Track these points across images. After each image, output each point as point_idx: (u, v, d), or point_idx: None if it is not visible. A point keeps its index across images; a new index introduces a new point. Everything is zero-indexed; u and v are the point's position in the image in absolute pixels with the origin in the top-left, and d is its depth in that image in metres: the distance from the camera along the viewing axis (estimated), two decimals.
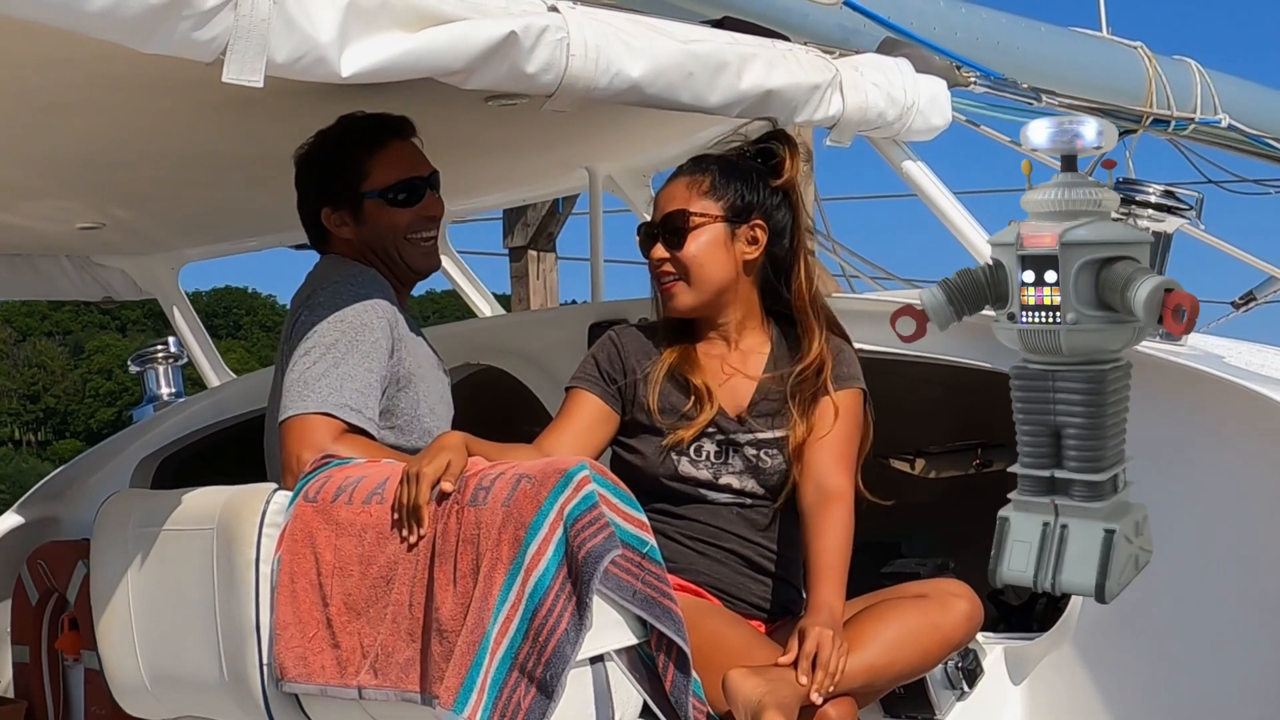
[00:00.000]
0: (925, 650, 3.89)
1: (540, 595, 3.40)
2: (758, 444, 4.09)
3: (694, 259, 4.08)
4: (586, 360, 4.19)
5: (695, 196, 4.11)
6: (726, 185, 4.11)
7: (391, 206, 4.31)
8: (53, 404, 62.12)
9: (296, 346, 4.08)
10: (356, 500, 3.70)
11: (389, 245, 4.32)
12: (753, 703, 3.59)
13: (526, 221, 9.76)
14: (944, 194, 4.57)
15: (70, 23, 3.10)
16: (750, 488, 4.09)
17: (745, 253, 4.11)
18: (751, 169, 4.17)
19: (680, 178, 4.16)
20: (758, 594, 4.10)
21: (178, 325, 6.58)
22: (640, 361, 4.13)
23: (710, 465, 4.08)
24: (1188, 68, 6.88)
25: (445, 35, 3.56)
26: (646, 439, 4.09)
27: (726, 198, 4.10)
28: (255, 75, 3.30)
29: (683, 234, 4.09)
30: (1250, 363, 4.26)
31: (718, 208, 4.09)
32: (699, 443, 4.07)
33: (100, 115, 4.24)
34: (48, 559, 5.38)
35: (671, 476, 4.06)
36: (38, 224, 5.61)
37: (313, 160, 4.37)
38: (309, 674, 3.69)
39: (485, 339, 5.56)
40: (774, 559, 4.11)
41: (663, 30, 4.02)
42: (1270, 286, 7.29)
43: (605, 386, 4.12)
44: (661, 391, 4.09)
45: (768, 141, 4.21)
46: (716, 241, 4.09)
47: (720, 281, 4.10)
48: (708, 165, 4.17)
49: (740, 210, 4.10)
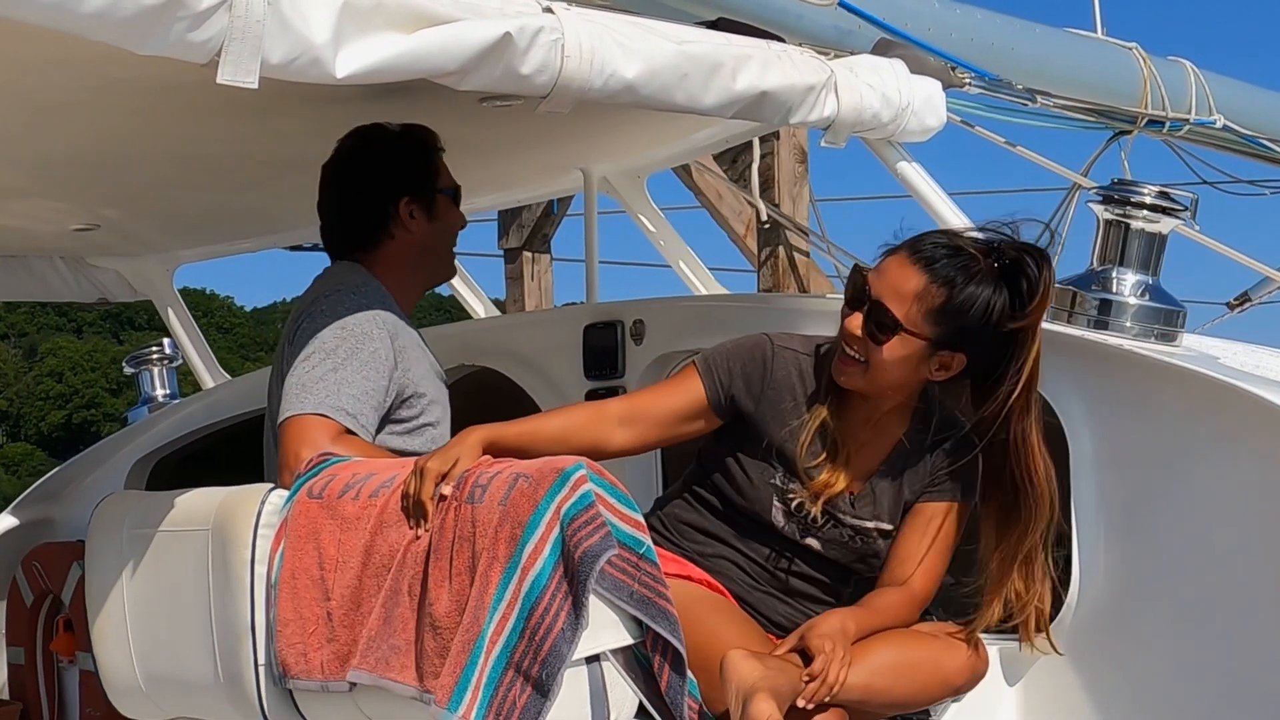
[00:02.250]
0: (924, 685, 3.88)
1: (536, 594, 3.40)
2: (860, 531, 4.00)
3: (883, 362, 3.86)
4: (730, 354, 4.01)
5: (921, 308, 3.83)
6: (955, 315, 3.82)
7: (455, 207, 4.51)
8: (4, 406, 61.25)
9: (298, 352, 4.12)
10: (364, 496, 3.71)
11: (448, 243, 4.51)
12: (747, 684, 3.59)
13: (521, 223, 9.75)
14: (939, 195, 4.57)
15: (65, 24, 3.10)
16: (832, 556, 4.01)
17: (934, 374, 3.92)
18: (991, 305, 3.82)
19: (920, 268, 3.84)
20: (781, 611, 4.03)
21: (172, 327, 6.58)
22: (785, 391, 3.97)
23: (803, 525, 3.98)
24: (1183, 68, 6.88)
25: (440, 36, 3.56)
26: (759, 465, 3.97)
27: (942, 322, 3.83)
28: (250, 77, 3.30)
29: (887, 334, 3.85)
30: (1245, 363, 4.26)
31: (932, 331, 3.84)
32: (809, 506, 3.96)
33: (95, 117, 4.25)
34: (43, 560, 5.38)
35: (760, 517, 3.96)
36: (32, 225, 5.61)
37: (388, 151, 4.40)
38: (309, 670, 3.69)
39: (480, 340, 5.56)
40: (808, 589, 4.04)
41: (657, 31, 4.01)
42: (1265, 287, 7.29)
43: (721, 391, 3.97)
44: (812, 439, 3.93)
45: (1024, 256, 3.86)
46: (912, 357, 3.86)
47: (894, 383, 3.93)
48: (952, 278, 3.81)
49: (948, 340, 3.85)
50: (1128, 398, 4.16)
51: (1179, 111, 6.73)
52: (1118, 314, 4.25)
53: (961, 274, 3.83)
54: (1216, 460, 4.02)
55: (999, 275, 3.85)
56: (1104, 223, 4.35)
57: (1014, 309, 3.83)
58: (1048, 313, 4.26)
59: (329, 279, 4.34)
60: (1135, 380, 4.16)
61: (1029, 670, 4.20)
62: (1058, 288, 4.30)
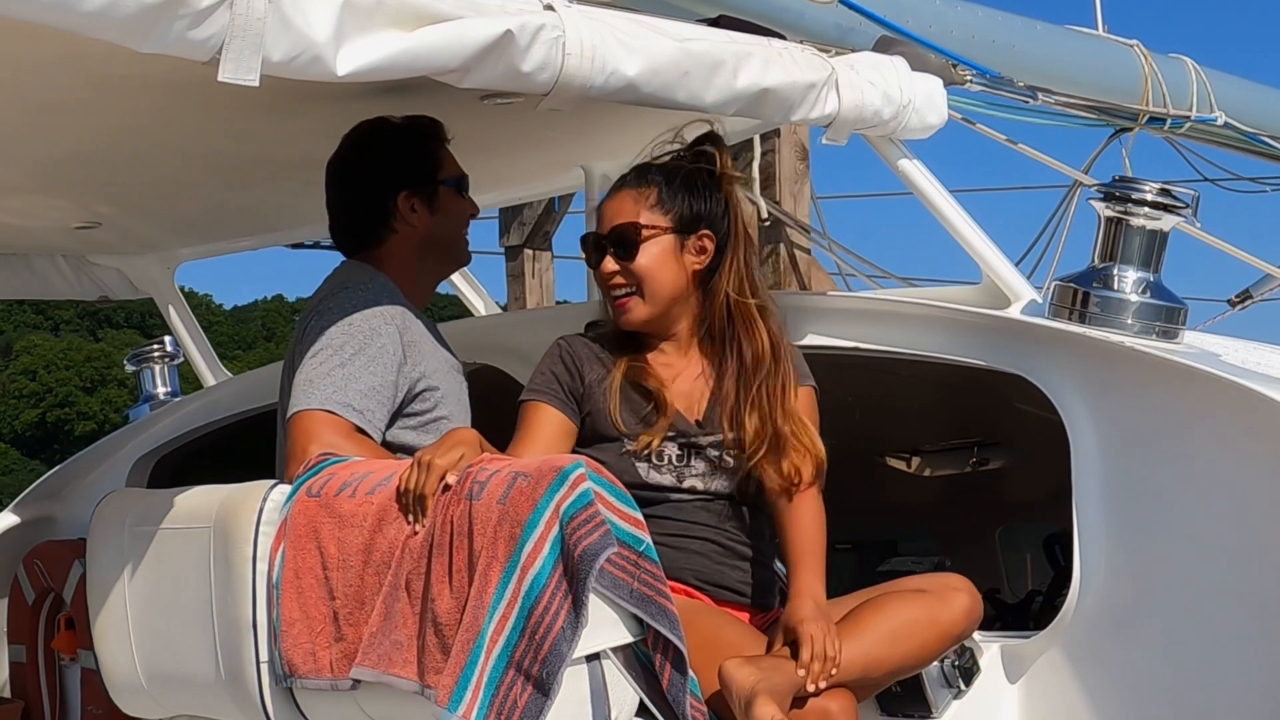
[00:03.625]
0: (924, 643, 3.91)
1: (536, 593, 3.40)
2: (719, 445, 4.10)
3: (646, 271, 4.12)
4: (540, 372, 4.20)
5: (643, 209, 4.14)
6: (673, 197, 4.15)
7: (460, 197, 4.49)
8: None
9: (307, 350, 4.14)
10: (360, 493, 3.71)
11: (455, 236, 4.50)
12: (745, 690, 3.63)
13: (522, 220, 9.74)
14: (940, 192, 4.57)
15: (66, 22, 3.11)
16: (715, 488, 4.12)
17: (694, 263, 4.15)
18: (696, 178, 4.19)
19: (625, 189, 4.20)
20: (735, 579, 4.11)
21: (174, 325, 6.57)
22: (594, 370, 4.16)
23: (673, 469, 4.10)
24: (1184, 65, 6.88)
25: (441, 34, 3.56)
26: (606, 448, 4.09)
27: (674, 209, 4.14)
28: (251, 74, 3.31)
29: (634, 246, 4.12)
30: (1246, 360, 4.26)
31: (666, 219, 4.13)
32: (660, 448, 4.09)
33: (96, 115, 4.25)
34: (44, 558, 5.37)
35: (636, 484, 4.03)
36: (33, 223, 5.61)
37: (386, 145, 4.40)
38: (319, 669, 3.70)
39: (481, 338, 5.55)
40: (744, 544, 4.13)
41: (659, 29, 4.01)
42: (1266, 284, 7.28)
43: (564, 398, 4.14)
44: (621, 399, 4.11)
45: (701, 145, 4.22)
46: (667, 253, 4.13)
47: (673, 293, 4.14)
48: (652, 176, 4.19)
49: (688, 221, 4.14)
50: (1129, 395, 4.16)
51: (1180, 109, 6.73)
52: (1119, 311, 4.24)
53: (654, 170, 4.20)
54: (1218, 457, 4.02)
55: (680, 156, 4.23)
56: (1105, 220, 4.34)
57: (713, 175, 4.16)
58: (1050, 310, 4.27)
59: (336, 277, 4.36)
60: (1137, 377, 4.16)
61: (1030, 667, 4.20)
62: (1060, 285, 4.31)
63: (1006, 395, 4.64)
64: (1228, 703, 3.95)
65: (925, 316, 4.50)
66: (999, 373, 4.36)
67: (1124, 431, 4.13)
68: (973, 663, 4.14)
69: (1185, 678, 4.01)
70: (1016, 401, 4.60)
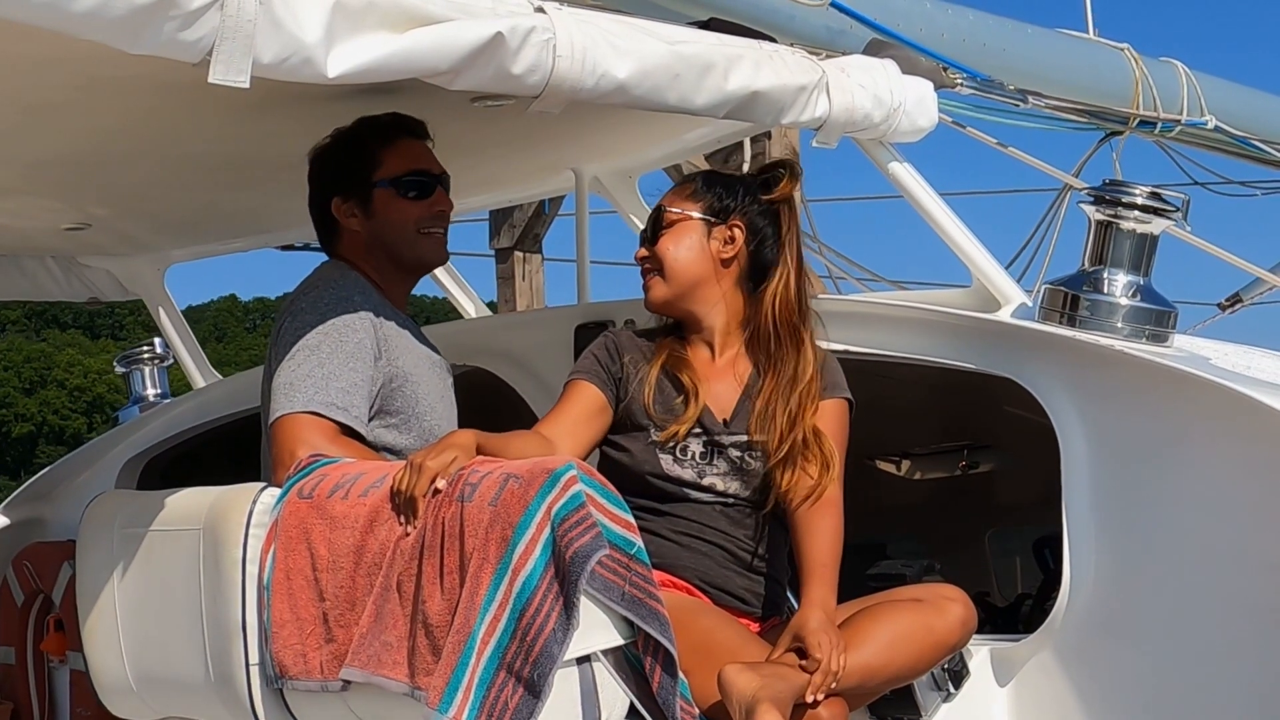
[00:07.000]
0: (920, 653, 3.92)
1: (527, 595, 3.40)
2: (741, 446, 4.12)
3: (667, 251, 4.21)
4: (587, 355, 4.26)
5: (679, 198, 4.27)
6: (708, 189, 4.27)
7: (401, 198, 4.37)
8: None
9: (284, 352, 4.13)
10: (353, 495, 3.71)
11: (398, 238, 4.37)
12: (747, 697, 3.62)
13: (513, 223, 9.77)
14: (930, 195, 4.57)
15: (57, 23, 3.10)
16: (734, 490, 4.12)
17: (721, 252, 4.20)
18: (739, 179, 4.34)
19: (675, 185, 4.35)
20: (742, 587, 4.12)
21: (164, 327, 6.56)
22: (634, 360, 4.20)
23: (695, 465, 4.12)
24: (1174, 69, 6.88)
25: (431, 36, 3.56)
26: (635, 437, 4.13)
27: (706, 199, 4.25)
28: (241, 76, 3.31)
29: (660, 228, 4.24)
30: (1236, 364, 4.26)
31: (696, 207, 4.24)
32: (685, 442, 4.12)
33: (86, 116, 4.24)
34: (33, 560, 5.37)
35: (656, 474, 4.10)
36: (22, 224, 5.60)
37: (327, 152, 4.41)
38: (309, 671, 3.70)
39: (471, 340, 5.55)
40: (758, 556, 4.13)
41: (649, 31, 4.02)
42: (1256, 288, 7.30)
43: (604, 378, 4.18)
44: (655, 388, 4.15)
45: (772, 170, 4.33)
46: (689, 236, 4.22)
47: (693, 275, 4.19)
48: (696, 174, 4.36)
49: (718, 211, 4.23)
50: (1119, 398, 4.17)
51: (1170, 112, 6.73)
52: (1109, 315, 4.25)
53: (707, 170, 4.51)
54: (1208, 461, 4.02)
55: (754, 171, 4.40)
56: (1095, 223, 4.35)
57: (767, 186, 4.27)
58: (1040, 313, 4.27)
59: (310, 277, 4.36)
60: (1127, 381, 4.16)
61: (1019, 671, 4.20)
62: (1049, 288, 4.31)
63: (996, 398, 4.64)
64: (1216, 706, 3.95)
65: (915, 319, 4.51)
66: (989, 376, 4.36)
67: (1114, 435, 4.13)
68: (962, 666, 4.14)
69: (1174, 681, 4.02)
70: (1006, 405, 4.60)
